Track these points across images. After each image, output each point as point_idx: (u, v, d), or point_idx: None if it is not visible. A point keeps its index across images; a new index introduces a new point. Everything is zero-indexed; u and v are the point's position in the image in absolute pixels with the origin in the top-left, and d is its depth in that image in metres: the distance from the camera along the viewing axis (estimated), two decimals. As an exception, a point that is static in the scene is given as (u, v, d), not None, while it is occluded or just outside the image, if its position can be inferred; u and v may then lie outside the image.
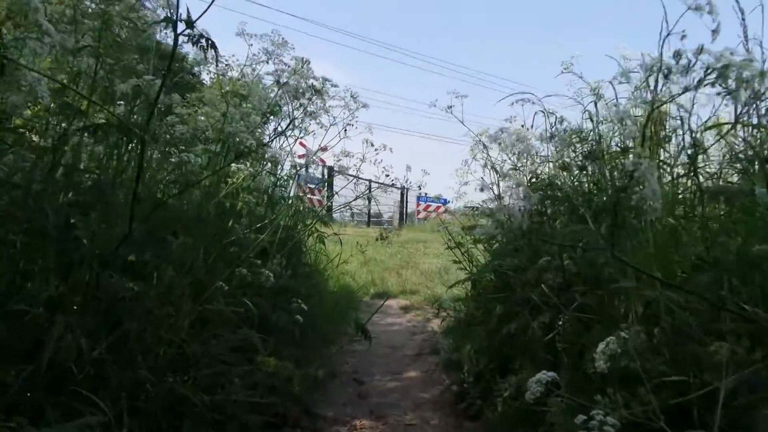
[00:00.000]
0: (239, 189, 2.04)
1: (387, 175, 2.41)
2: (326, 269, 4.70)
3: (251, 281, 2.06)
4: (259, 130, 2.49)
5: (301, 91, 1.32)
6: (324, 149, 3.22)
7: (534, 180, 2.52)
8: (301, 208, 3.92)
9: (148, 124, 0.98)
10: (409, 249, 9.36)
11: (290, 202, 2.82)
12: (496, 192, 3.28)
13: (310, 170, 4.68)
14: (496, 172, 3.17)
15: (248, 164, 2.07)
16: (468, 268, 3.19)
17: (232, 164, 1.76)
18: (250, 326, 1.98)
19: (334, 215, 9.95)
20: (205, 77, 3.73)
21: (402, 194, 17.68)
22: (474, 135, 3.28)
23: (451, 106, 3.10)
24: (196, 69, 3.52)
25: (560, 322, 1.85)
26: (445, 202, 19.71)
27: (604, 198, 2.13)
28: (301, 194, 4.62)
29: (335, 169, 2.62)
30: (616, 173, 2.23)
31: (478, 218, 3.26)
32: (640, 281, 1.59)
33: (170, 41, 1.16)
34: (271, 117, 2.67)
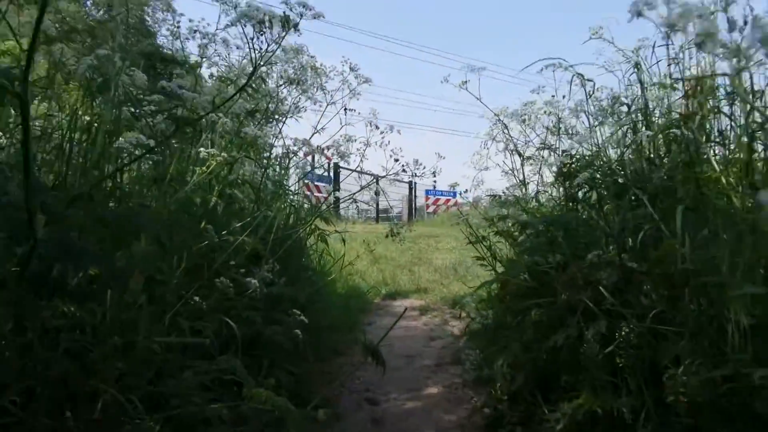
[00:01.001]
0: (214, 181, 1.68)
1: (396, 160, 2.04)
2: (332, 270, 4.35)
3: (236, 293, 1.70)
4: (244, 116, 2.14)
5: (266, 22, 0.96)
6: (327, 147, 2.87)
7: (568, 161, 2.13)
8: (303, 204, 3.57)
9: (26, 75, 0.62)
10: (420, 244, 8.99)
11: (287, 196, 2.46)
12: (520, 177, 2.90)
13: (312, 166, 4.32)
14: (520, 155, 2.78)
15: (223, 149, 1.70)
16: (491, 266, 2.81)
17: (202, 150, 1.40)
18: (235, 348, 1.63)
19: (340, 212, 9.57)
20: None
21: (410, 188, 17.30)
22: (493, 114, 2.90)
23: (466, 82, 2.72)
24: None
25: (623, 332, 1.47)
26: (455, 194, 19.26)
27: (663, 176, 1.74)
28: (306, 192, 4.26)
29: (334, 153, 2.25)
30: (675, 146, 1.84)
31: (501, 207, 2.88)
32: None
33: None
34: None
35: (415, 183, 17.61)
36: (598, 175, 2.03)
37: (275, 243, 2.40)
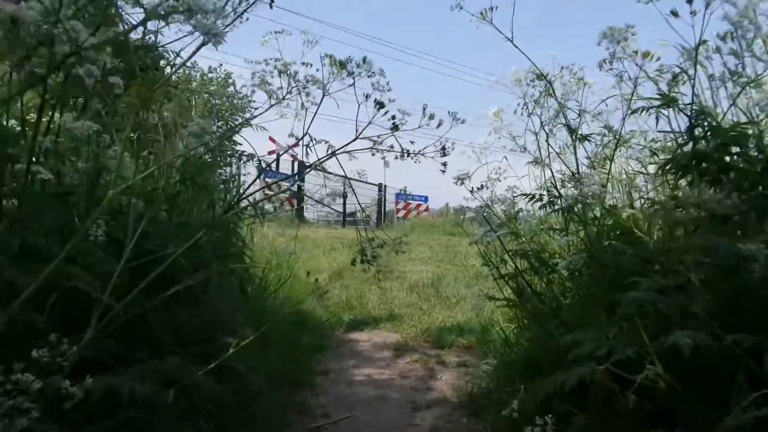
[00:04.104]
0: None
1: (380, 105, 1.00)
2: (279, 293, 3.25)
3: None
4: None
5: None
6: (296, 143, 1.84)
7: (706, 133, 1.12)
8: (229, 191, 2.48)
9: None
10: (390, 253, 7.90)
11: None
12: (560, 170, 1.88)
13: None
14: (572, 130, 1.76)
15: None
16: (515, 315, 1.79)
17: None
18: None
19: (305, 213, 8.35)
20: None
21: (380, 190, 16.33)
22: (529, 69, 1.87)
23: (492, 8, 1.70)
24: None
25: None
26: (426, 199, 18.27)
27: None
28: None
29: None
30: None
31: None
32: None
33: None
34: None
35: (386, 185, 16.64)
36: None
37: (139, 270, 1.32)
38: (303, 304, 3.61)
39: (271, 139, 3.30)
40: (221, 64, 8.66)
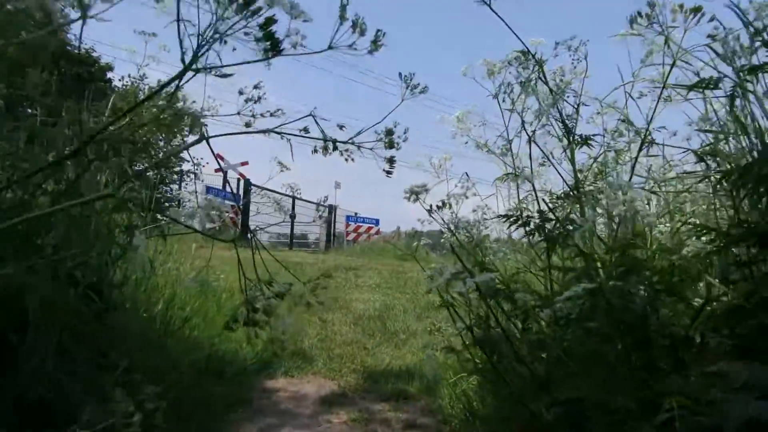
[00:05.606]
0: None
1: None
2: (193, 333, 2.65)
3: None
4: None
5: None
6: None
7: None
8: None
9: None
10: (337, 279, 7.35)
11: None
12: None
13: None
14: (568, 132, 1.31)
15: None
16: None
17: None
18: None
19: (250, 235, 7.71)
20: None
21: (330, 211, 15.76)
22: (503, 61, 1.42)
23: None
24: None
25: None
26: (377, 222, 17.79)
27: None
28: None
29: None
30: None
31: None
32: None
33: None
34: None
35: (335, 207, 16.10)
36: None
37: None
38: (222, 346, 2.99)
39: (219, 156, 2.77)
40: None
